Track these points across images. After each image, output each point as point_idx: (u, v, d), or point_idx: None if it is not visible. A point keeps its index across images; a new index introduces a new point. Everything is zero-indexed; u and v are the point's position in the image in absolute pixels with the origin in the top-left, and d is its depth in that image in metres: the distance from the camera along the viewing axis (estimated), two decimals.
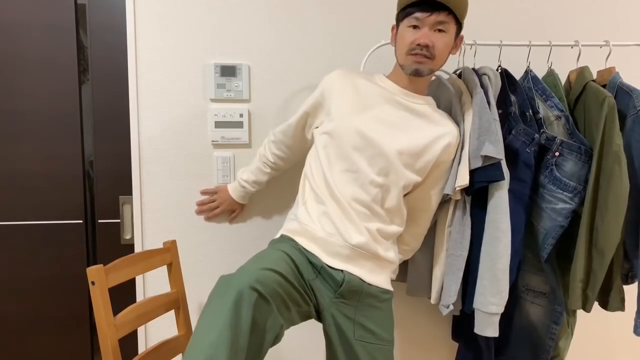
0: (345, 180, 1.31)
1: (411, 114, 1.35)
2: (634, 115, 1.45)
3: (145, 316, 1.40)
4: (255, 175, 1.62)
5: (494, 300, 1.41)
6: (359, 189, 1.31)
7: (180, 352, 1.53)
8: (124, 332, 1.31)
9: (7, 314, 1.76)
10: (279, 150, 1.55)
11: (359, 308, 1.31)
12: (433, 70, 1.33)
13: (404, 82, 1.36)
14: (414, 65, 1.30)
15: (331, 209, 1.31)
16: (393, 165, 1.31)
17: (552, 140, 1.47)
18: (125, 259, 1.37)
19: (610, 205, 1.42)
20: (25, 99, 1.69)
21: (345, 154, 1.31)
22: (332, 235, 1.30)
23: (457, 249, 1.46)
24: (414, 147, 1.32)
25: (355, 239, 1.30)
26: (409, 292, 1.63)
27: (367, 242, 1.31)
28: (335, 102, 1.35)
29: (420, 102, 1.37)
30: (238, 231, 1.77)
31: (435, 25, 1.27)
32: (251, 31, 1.72)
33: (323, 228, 1.31)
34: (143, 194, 1.71)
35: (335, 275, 1.29)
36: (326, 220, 1.31)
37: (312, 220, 1.33)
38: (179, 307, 1.54)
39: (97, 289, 1.25)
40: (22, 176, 1.71)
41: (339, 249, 1.30)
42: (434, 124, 1.36)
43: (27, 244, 1.74)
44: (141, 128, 1.69)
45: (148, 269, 1.44)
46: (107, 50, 1.72)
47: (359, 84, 1.37)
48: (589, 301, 1.51)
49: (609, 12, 1.91)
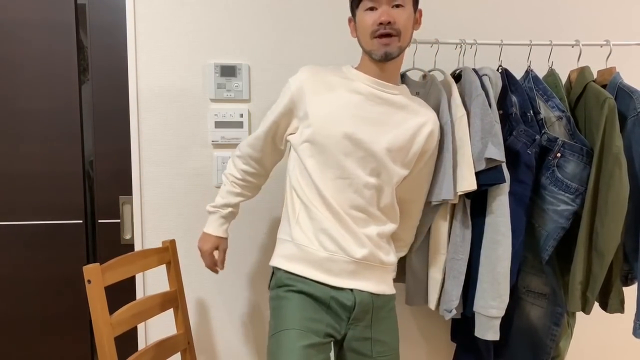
0: (339, 188, 1.26)
1: (391, 107, 1.30)
2: (634, 117, 1.45)
3: (142, 315, 1.40)
4: (224, 198, 1.45)
5: (494, 303, 1.41)
6: (354, 194, 1.27)
7: (178, 351, 1.54)
8: (120, 331, 1.31)
9: (7, 314, 1.76)
10: (247, 165, 1.42)
11: (374, 324, 1.30)
12: (402, 49, 1.27)
13: (375, 72, 1.29)
14: (382, 49, 1.24)
15: (328, 224, 1.26)
16: (383, 164, 1.28)
17: (554, 142, 1.47)
18: (122, 258, 1.37)
19: (610, 208, 1.42)
20: (25, 99, 1.69)
21: (334, 160, 1.26)
22: (335, 252, 1.26)
23: (458, 253, 1.45)
24: (401, 142, 1.29)
25: (359, 253, 1.27)
26: (409, 302, 1.60)
27: (371, 252, 1.29)
28: (310, 106, 1.27)
29: (396, 92, 1.31)
30: (238, 231, 1.77)
31: (391, 1, 1.22)
32: (251, 31, 1.72)
33: (323, 246, 1.26)
34: (143, 194, 1.71)
35: (345, 300, 1.26)
36: (325, 237, 1.26)
37: (310, 239, 1.27)
38: (177, 305, 1.54)
39: (93, 288, 1.26)
40: (22, 176, 1.71)
41: (344, 266, 1.27)
42: (413, 114, 1.32)
43: (27, 244, 1.74)
44: (141, 128, 1.69)
45: (146, 267, 1.45)
46: (107, 50, 1.72)
47: (331, 82, 1.30)
48: (589, 303, 1.51)
49: (610, 12, 1.90)
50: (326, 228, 1.26)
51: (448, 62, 1.62)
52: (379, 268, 1.32)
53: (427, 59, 1.62)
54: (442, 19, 1.81)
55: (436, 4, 1.80)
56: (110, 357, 1.27)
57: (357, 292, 1.27)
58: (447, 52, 1.62)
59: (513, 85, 1.54)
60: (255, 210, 1.77)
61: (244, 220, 1.77)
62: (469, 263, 1.46)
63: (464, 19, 1.82)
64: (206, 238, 1.46)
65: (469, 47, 1.61)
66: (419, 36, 1.63)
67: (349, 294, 1.27)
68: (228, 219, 1.47)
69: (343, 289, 1.27)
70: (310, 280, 1.27)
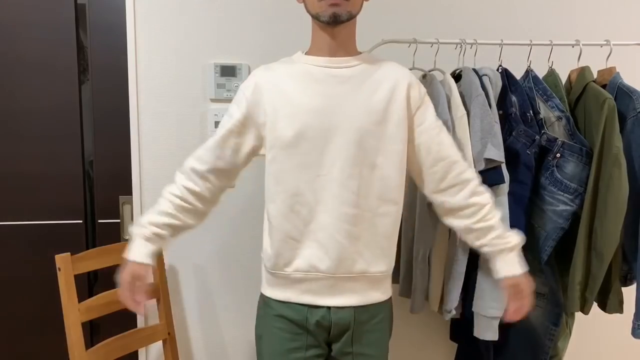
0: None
1: (354, 82, 1.17)
2: (634, 117, 1.45)
3: (113, 304, 1.48)
4: (152, 216, 1.20)
5: (493, 304, 1.41)
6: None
7: (159, 339, 1.64)
8: (88, 317, 1.44)
9: (7, 314, 1.76)
10: (191, 182, 1.21)
11: (355, 339, 1.22)
12: (351, 14, 1.14)
13: (327, 49, 1.18)
14: (329, 10, 1.11)
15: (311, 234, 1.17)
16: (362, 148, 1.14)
17: (553, 142, 1.47)
18: (96, 250, 1.50)
19: (610, 208, 1.42)
20: (25, 99, 1.69)
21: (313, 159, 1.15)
22: (309, 271, 1.18)
23: (458, 253, 1.45)
24: (375, 117, 1.15)
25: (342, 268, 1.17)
26: (413, 310, 1.59)
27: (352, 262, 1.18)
28: (270, 110, 1.17)
29: (355, 62, 1.19)
30: (237, 230, 1.77)
31: None
32: (251, 31, 1.71)
33: (297, 268, 1.18)
34: (143, 194, 1.71)
35: (322, 320, 1.19)
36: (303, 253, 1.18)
37: (284, 258, 1.19)
38: (159, 297, 1.65)
39: (62, 275, 1.38)
40: (22, 176, 1.71)
41: (322, 282, 1.18)
42: (382, 79, 1.18)
43: (27, 244, 1.74)
44: (141, 128, 1.69)
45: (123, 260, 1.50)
46: (107, 50, 1.71)
47: (286, 75, 1.19)
48: (588, 303, 1.51)
49: (610, 12, 1.90)
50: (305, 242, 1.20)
51: (448, 62, 1.62)
52: (363, 280, 1.21)
53: (427, 59, 1.62)
54: (442, 19, 1.81)
55: (436, 4, 1.80)
56: (77, 341, 1.39)
57: (333, 310, 1.19)
58: (447, 52, 1.62)
59: (513, 86, 1.54)
60: (253, 209, 1.77)
61: (243, 221, 1.77)
62: (468, 263, 1.46)
63: (464, 19, 1.82)
64: (125, 267, 1.19)
65: (469, 47, 1.61)
66: (419, 36, 1.63)
67: (325, 313, 1.20)
68: (152, 241, 1.20)
69: (320, 307, 1.20)
70: (291, 306, 1.21)
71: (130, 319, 1.73)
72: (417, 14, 1.80)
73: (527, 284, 1.21)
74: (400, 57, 1.43)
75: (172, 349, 1.65)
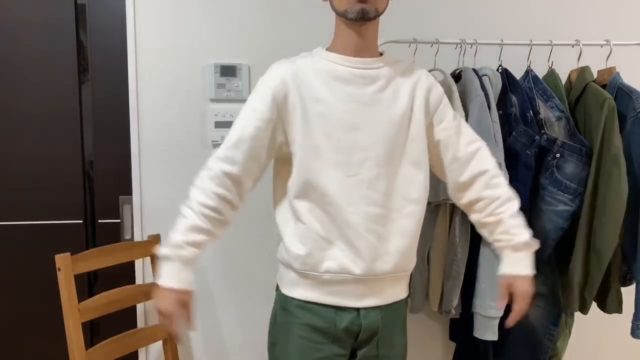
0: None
1: (380, 84, 1.16)
2: (633, 117, 1.45)
3: (113, 304, 1.49)
4: (186, 234, 1.09)
5: (493, 304, 1.41)
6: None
7: (159, 339, 1.63)
8: (88, 318, 1.43)
9: (6, 314, 1.76)
10: (223, 188, 1.12)
11: (381, 341, 1.21)
12: (378, 11, 1.13)
13: (352, 48, 1.15)
14: (358, 6, 1.09)
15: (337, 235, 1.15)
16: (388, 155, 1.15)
17: (553, 142, 1.47)
18: (96, 250, 1.48)
19: (609, 208, 1.42)
20: (25, 99, 1.69)
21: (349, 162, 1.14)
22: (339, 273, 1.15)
23: (457, 253, 1.46)
24: (399, 118, 1.16)
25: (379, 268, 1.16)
26: (413, 310, 1.60)
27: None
28: (299, 107, 1.13)
29: (380, 64, 1.17)
30: (236, 230, 1.77)
31: None
32: (251, 31, 1.72)
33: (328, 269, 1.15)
34: (143, 194, 1.71)
35: (351, 325, 1.17)
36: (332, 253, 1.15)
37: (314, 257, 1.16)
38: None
39: (62, 275, 1.37)
40: (22, 176, 1.71)
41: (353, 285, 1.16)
42: (404, 80, 1.19)
43: (27, 244, 1.74)
44: (141, 128, 1.69)
45: (125, 259, 1.53)
46: (107, 50, 1.71)
47: (311, 71, 1.15)
48: (587, 303, 1.51)
49: (610, 12, 1.90)
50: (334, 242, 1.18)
51: (448, 62, 1.62)
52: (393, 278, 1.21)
53: (427, 59, 1.62)
54: (442, 19, 1.81)
55: (436, 4, 1.80)
56: (77, 341, 1.38)
57: (362, 312, 1.18)
58: (447, 52, 1.62)
59: (513, 86, 1.54)
60: (254, 209, 1.77)
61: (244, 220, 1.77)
62: (468, 263, 1.46)
63: (464, 19, 1.82)
64: (165, 295, 1.09)
65: (469, 47, 1.61)
66: (419, 36, 1.63)
67: (355, 317, 1.18)
68: (192, 264, 1.11)
69: (350, 309, 1.17)
70: (315, 309, 1.17)
71: (130, 319, 1.73)
72: (417, 14, 1.80)
73: (524, 287, 1.19)
74: (400, 57, 1.43)
75: (172, 349, 1.65)
